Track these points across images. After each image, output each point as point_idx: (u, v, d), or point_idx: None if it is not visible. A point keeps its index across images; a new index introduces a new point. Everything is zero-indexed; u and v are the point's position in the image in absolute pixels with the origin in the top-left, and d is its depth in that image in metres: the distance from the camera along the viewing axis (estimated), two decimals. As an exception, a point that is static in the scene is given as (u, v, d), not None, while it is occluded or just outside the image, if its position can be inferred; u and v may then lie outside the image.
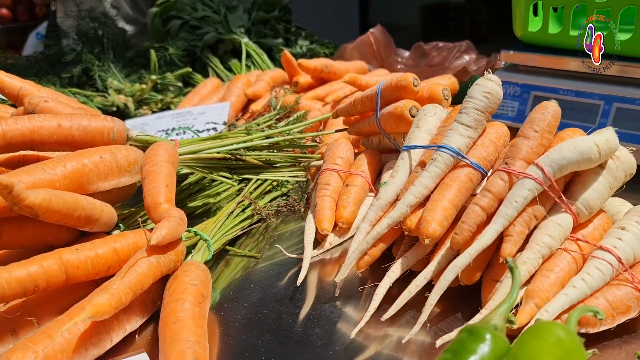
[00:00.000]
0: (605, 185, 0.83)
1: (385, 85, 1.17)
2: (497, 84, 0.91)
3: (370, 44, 1.92)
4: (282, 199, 1.25)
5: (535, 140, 0.85)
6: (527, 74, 1.37)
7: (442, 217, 0.85)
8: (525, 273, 0.79)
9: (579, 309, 0.63)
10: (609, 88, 1.24)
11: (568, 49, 1.28)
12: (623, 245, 0.79)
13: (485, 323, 0.58)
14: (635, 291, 0.77)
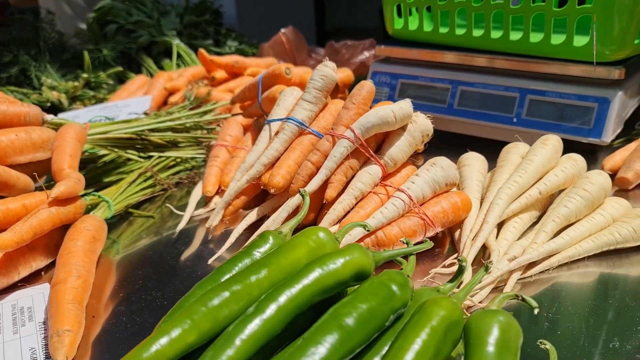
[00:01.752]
0: (405, 143, 1.08)
1: (265, 74, 1.41)
2: (332, 69, 1.16)
3: (282, 42, 2.16)
4: (185, 172, 1.48)
5: (353, 110, 1.09)
6: (396, 65, 1.62)
7: (286, 172, 1.10)
8: (341, 210, 1.03)
9: (352, 224, 0.87)
10: (457, 74, 1.51)
11: (426, 42, 1.54)
12: (415, 187, 1.04)
13: (274, 230, 0.82)
14: (421, 220, 1.02)
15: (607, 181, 1.06)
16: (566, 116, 1.35)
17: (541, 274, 0.97)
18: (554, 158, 1.13)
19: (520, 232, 1.04)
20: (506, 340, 0.62)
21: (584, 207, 1.03)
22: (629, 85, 1.34)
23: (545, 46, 1.32)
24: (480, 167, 1.19)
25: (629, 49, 1.26)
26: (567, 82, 1.35)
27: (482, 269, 0.74)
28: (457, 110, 1.50)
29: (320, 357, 0.58)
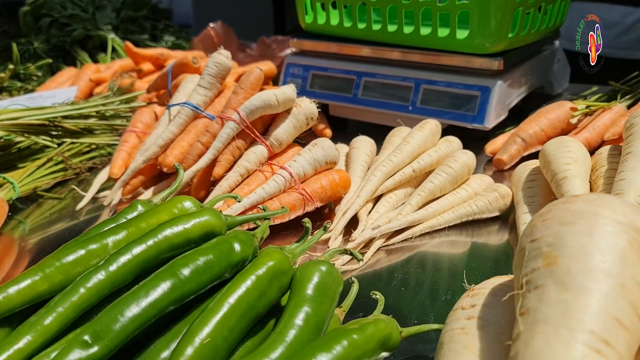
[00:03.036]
0: (290, 125, 1.17)
1: (174, 64, 1.48)
2: (226, 56, 1.24)
3: (211, 37, 2.23)
4: (99, 158, 1.54)
5: (241, 95, 1.17)
6: (308, 57, 1.71)
7: (179, 153, 1.17)
8: (227, 187, 1.11)
9: (220, 196, 0.95)
10: (361, 66, 1.60)
11: (334, 35, 1.64)
12: (296, 165, 1.13)
13: (145, 200, 0.90)
14: (300, 195, 1.11)
15: (471, 159, 1.17)
16: (454, 104, 1.46)
17: (406, 241, 1.07)
18: (430, 140, 1.23)
19: (394, 206, 1.14)
20: (324, 285, 0.71)
21: (448, 183, 1.13)
22: (509, 75, 1.46)
23: (433, 39, 1.43)
24: (367, 149, 1.28)
25: (505, 41, 1.38)
26: (455, 72, 1.46)
27: (320, 229, 0.83)
28: (361, 99, 1.60)
29: (153, 299, 0.66)
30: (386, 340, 0.67)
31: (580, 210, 0.56)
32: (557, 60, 1.78)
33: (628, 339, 0.49)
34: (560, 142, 1.04)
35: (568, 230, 0.55)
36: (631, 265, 0.52)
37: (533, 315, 0.52)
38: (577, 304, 0.50)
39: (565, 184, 0.95)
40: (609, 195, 0.58)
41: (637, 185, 0.85)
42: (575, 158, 0.99)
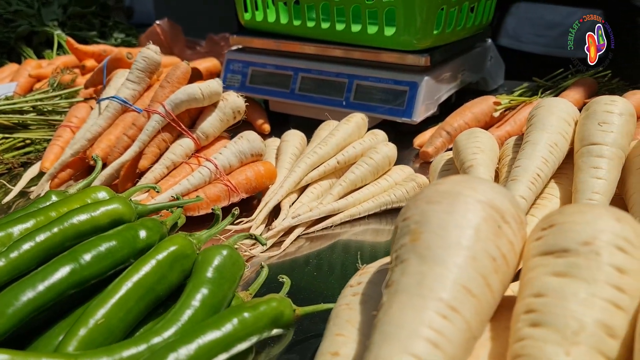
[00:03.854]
0: (216, 118, 1.19)
1: (109, 59, 1.49)
2: (154, 51, 1.26)
3: (157, 34, 2.23)
4: (35, 153, 1.53)
5: (168, 89, 1.19)
6: (247, 54, 1.73)
7: (106, 146, 1.18)
8: (152, 179, 1.13)
9: (139, 186, 0.97)
10: (298, 62, 1.64)
11: (272, 32, 1.67)
12: (222, 157, 1.15)
13: (60, 190, 0.91)
14: (225, 187, 1.13)
15: (392, 151, 1.21)
16: (385, 99, 1.50)
17: (328, 230, 1.11)
18: (356, 133, 1.27)
19: (318, 196, 1.18)
20: (224, 268, 0.74)
21: (369, 173, 1.17)
22: (437, 71, 1.51)
23: (363, 36, 1.47)
24: (297, 142, 1.32)
25: (431, 38, 1.43)
26: (386, 68, 1.51)
27: (229, 217, 0.86)
28: (298, 95, 1.63)
29: (50, 283, 0.68)
30: (278, 318, 0.70)
31: (446, 191, 0.61)
32: (490, 58, 1.84)
33: (476, 305, 0.54)
34: (471, 134, 1.09)
35: (432, 209, 0.59)
36: (484, 239, 0.56)
37: (395, 287, 0.56)
38: (431, 275, 0.54)
39: (471, 172, 1.00)
40: (474, 177, 0.62)
41: (530, 172, 0.91)
42: (483, 148, 1.04)
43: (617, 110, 0.93)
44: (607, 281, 0.51)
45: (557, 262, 0.54)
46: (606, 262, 0.52)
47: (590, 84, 1.54)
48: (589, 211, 0.56)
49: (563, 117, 0.99)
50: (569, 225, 0.56)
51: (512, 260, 0.58)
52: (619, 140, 0.91)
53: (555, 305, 0.51)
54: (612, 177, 0.89)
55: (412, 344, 0.50)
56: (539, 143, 0.94)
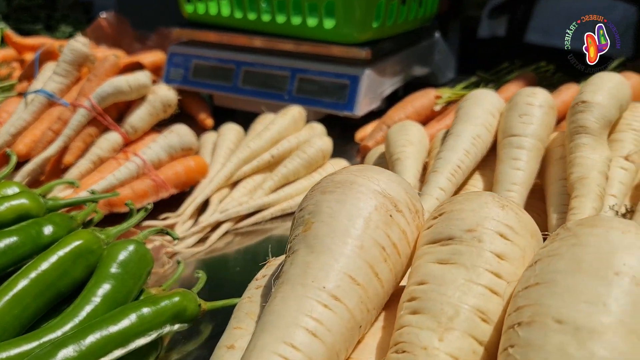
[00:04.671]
0: (145, 112, 1.17)
1: (42, 52, 1.45)
2: (82, 44, 1.22)
3: (103, 27, 2.18)
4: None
5: (94, 82, 1.17)
6: (190, 47, 1.70)
7: (30, 141, 1.15)
8: (77, 174, 1.10)
9: (54, 182, 0.94)
10: (240, 55, 1.62)
11: (215, 24, 1.64)
12: (150, 152, 1.13)
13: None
14: (153, 182, 1.11)
15: (326, 145, 1.20)
16: (327, 92, 1.49)
17: (259, 225, 1.10)
18: (292, 127, 1.26)
19: (250, 191, 1.16)
20: (129, 264, 0.72)
21: (302, 167, 1.16)
22: (380, 64, 1.51)
23: (304, 28, 1.46)
24: (232, 136, 1.30)
25: (371, 31, 1.43)
26: (328, 61, 1.50)
27: (141, 211, 0.84)
28: (241, 89, 1.61)
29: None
30: (180, 313, 0.69)
31: (340, 180, 0.60)
32: (439, 52, 1.85)
33: (361, 294, 0.53)
34: (402, 127, 1.09)
35: (325, 198, 0.58)
36: (374, 228, 0.56)
37: (283, 277, 0.55)
38: (316, 264, 0.53)
39: (398, 164, 1.00)
40: (370, 166, 0.62)
41: (451, 164, 0.91)
42: (412, 141, 1.04)
43: (537, 103, 0.94)
44: (486, 267, 0.51)
45: (442, 250, 0.54)
46: (487, 248, 0.52)
47: (531, 78, 1.56)
48: (476, 199, 0.56)
49: (488, 109, 0.99)
50: (456, 213, 0.56)
51: (405, 248, 0.58)
52: (539, 131, 0.92)
53: (434, 291, 0.51)
54: (531, 168, 0.90)
55: (290, 333, 0.49)
56: (462, 135, 0.95)
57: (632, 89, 1.30)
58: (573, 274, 0.44)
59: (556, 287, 0.44)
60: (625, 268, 0.43)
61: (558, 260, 0.45)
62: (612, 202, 0.83)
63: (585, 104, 0.88)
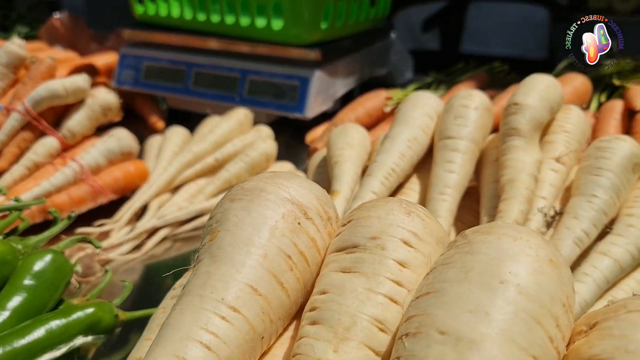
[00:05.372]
0: (84, 116, 1.14)
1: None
2: (19, 45, 1.19)
3: (57, 28, 2.14)
4: None
5: (29, 85, 1.13)
6: (141, 48, 1.68)
7: (-37, 146, 1.11)
8: (11, 180, 1.07)
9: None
10: (191, 57, 1.60)
11: (166, 25, 1.62)
12: (88, 157, 1.10)
13: None
14: (91, 188, 1.08)
15: (270, 148, 1.19)
16: (278, 94, 1.48)
17: (200, 230, 1.08)
18: (237, 129, 1.25)
19: (193, 196, 1.14)
20: (45, 274, 0.70)
21: (245, 171, 1.15)
22: (331, 66, 1.50)
23: (253, 29, 1.45)
24: (178, 139, 1.28)
25: (320, 32, 1.42)
26: (278, 63, 1.49)
27: (65, 219, 0.82)
28: (192, 90, 1.59)
29: None
30: (95, 324, 0.67)
31: (250, 187, 0.59)
32: (395, 52, 1.85)
33: (263, 305, 0.52)
34: (342, 130, 1.08)
35: (233, 207, 0.57)
36: (280, 236, 0.55)
37: (185, 289, 0.53)
38: (217, 274, 0.52)
39: (336, 167, 0.99)
40: (283, 173, 0.61)
41: (385, 167, 0.90)
42: (351, 144, 1.03)
43: (472, 105, 0.93)
44: (388, 275, 0.50)
45: (346, 258, 0.53)
46: (390, 256, 0.51)
47: (483, 78, 1.57)
48: (383, 206, 0.55)
49: (426, 111, 0.99)
50: (363, 220, 0.55)
51: (314, 256, 0.57)
52: (473, 134, 0.91)
53: (333, 301, 0.50)
54: (464, 170, 0.90)
55: (183, 346, 0.48)
56: (398, 138, 0.94)
57: (577, 89, 1.32)
58: (461, 282, 0.43)
59: (444, 296, 0.43)
60: (511, 276, 0.42)
61: (450, 269, 0.45)
62: (541, 204, 0.83)
63: (517, 106, 0.88)
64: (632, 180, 0.83)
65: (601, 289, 0.74)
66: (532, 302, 0.41)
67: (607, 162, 0.82)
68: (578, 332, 0.45)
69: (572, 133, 0.92)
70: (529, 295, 0.41)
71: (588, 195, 0.81)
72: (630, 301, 0.43)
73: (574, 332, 0.45)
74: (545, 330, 0.41)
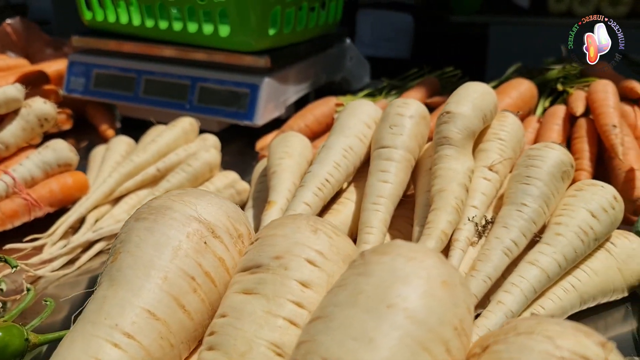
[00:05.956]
0: (18, 127, 1.11)
1: None
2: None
3: (8, 34, 2.08)
4: None
5: (-40, 96, 1.09)
6: (91, 55, 1.64)
7: None
8: (-61, 195, 1.03)
9: None
10: (141, 64, 1.57)
11: (115, 32, 1.58)
12: (21, 169, 1.07)
13: None
14: (24, 201, 1.05)
15: (213, 157, 1.17)
16: (228, 102, 1.46)
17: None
18: (182, 138, 1.22)
19: (134, 208, 1.12)
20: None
21: (187, 181, 1.13)
22: (281, 72, 1.48)
23: (200, 36, 1.42)
24: (122, 149, 1.25)
25: (269, 38, 1.40)
26: (228, 70, 1.47)
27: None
28: (142, 98, 1.56)
29: None
30: (2, 349, 0.64)
31: (157, 206, 0.57)
32: (350, 58, 1.85)
33: (162, 330, 0.50)
34: (283, 138, 1.07)
35: (136, 226, 0.55)
36: (183, 257, 0.53)
37: (81, 315, 0.51)
38: (114, 299, 0.50)
39: (274, 177, 0.97)
40: (192, 190, 0.59)
41: (319, 177, 0.89)
42: (291, 153, 1.02)
43: (408, 113, 0.93)
44: (289, 297, 0.49)
45: (249, 279, 0.52)
46: (292, 276, 0.50)
47: (434, 83, 1.57)
48: (290, 224, 0.54)
49: (363, 120, 0.98)
50: (269, 239, 0.54)
51: (222, 276, 0.55)
52: (408, 142, 0.91)
53: (231, 325, 0.48)
54: (399, 180, 0.89)
55: (70, 379, 0.46)
56: (333, 147, 0.93)
57: (522, 95, 1.33)
58: (349, 307, 0.42)
59: (332, 322, 0.42)
60: (399, 300, 0.41)
61: (342, 292, 0.44)
62: (472, 214, 0.83)
63: (449, 115, 0.88)
64: (561, 189, 0.83)
65: (528, 299, 0.74)
66: (419, 326, 0.40)
67: (536, 171, 0.82)
68: (472, 355, 0.44)
69: (506, 141, 0.92)
70: (416, 320, 0.41)
71: (518, 204, 0.81)
72: (520, 322, 0.42)
73: (469, 354, 0.45)
74: (433, 355, 0.40)
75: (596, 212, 0.80)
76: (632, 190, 1.04)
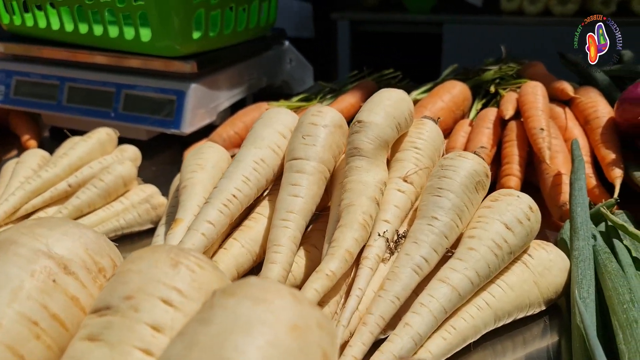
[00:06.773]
0: None
1: None
2: None
3: None
4: None
5: None
6: (11, 62, 1.55)
7: None
8: None
9: None
10: (64, 71, 1.48)
11: (36, 37, 1.50)
12: None
13: None
14: None
15: (127, 170, 1.10)
16: (155, 109, 1.39)
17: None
18: (98, 151, 1.15)
19: (42, 226, 1.04)
20: None
21: (99, 197, 1.06)
22: (210, 77, 1.42)
23: (122, 41, 1.35)
24: (34, 163, 1.17)
25: (194, 43, 1.34)
26: (154, 76, 1.40)
27: None
28: (66, 106, 1.48)
29: None
30: None
31: (2, 240, 0.51)
32: (290, 60, 1.79)
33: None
34: (198, 149, 1.01)
35: (-24, 265, 0.49)
36: (24, 299, 0.47)
37: None
38: None
39: (184, 192, 0.92)
40: (47, 220, 0.53)
41: (225, 193, 0.84)
42: (204, 165, 0.96)
43: (322, 123, 0.88)
44: (136, 344, 0.44)
45: (97, 322, 0.46)
46: (143, 319, 0.45)
47: (370, 86, 1.53)
48: (148, 257, 0.49)
49: (278, 129, 0.93)
50: (123, 275, 0.48)
51: (75, 317, 0.50)
52: (322, 153, 0.86)
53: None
54: (311, 193, 0.84)
55: None
56: (243, 160, 0.88)
57: (455, 97, 1.30)
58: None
59: (161, 380, 0.37)
60: (235, 355, 0.36)
61: (178, 343, 0.39)
62: (383, 229, 0.78)
63: (361, 124, 0.83)
64: (475, 200, 0.80)
65: (438, 320, 0.70)
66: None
67: (448, 182, 0.78)
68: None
69: (423, 149, 0.88)
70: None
71: (429, 218, 0.77)
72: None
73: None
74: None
75: (511, 224, 0.77)
76: (559, 195, 1.02)
